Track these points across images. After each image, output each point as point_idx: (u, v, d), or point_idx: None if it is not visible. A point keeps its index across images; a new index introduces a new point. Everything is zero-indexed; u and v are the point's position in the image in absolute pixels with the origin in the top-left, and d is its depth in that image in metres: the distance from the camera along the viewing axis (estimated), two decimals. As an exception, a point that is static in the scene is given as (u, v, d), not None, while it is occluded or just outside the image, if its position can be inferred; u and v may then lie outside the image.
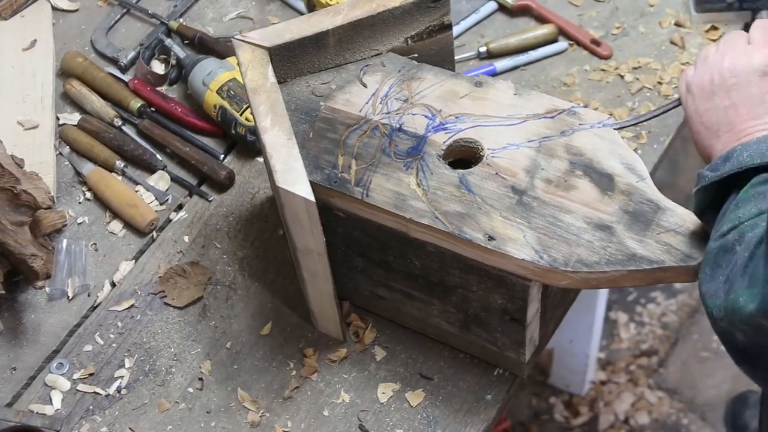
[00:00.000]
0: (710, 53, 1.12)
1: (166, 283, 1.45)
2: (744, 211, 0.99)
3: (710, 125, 1.09)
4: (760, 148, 1.02)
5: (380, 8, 1.27)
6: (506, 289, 1.19)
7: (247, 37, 1.27)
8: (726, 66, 1.09)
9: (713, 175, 1.04)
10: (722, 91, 1.08)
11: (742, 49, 1.09)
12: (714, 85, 1.09)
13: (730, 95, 1.08)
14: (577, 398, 2.40)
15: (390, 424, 1.32)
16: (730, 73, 1.08)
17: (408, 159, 1.20)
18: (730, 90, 1.08)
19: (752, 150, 1.02)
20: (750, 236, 0.96)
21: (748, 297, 0.93)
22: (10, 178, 1.35)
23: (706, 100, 1.10)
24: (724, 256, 0.99)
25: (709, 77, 1.10)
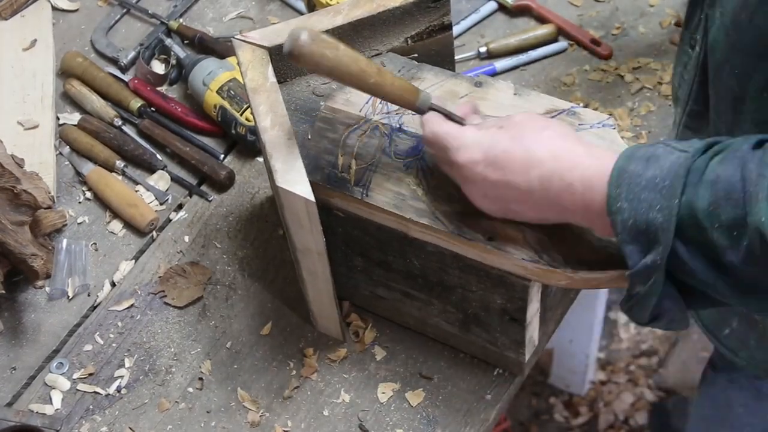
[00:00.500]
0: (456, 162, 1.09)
1: (166, 282, 1.45)
2: (755, 212, 0.92)
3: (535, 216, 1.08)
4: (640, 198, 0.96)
5: (380, 8, 1.27)
6: (506, 289, 1.19)
7: (247, 36, 1.27)
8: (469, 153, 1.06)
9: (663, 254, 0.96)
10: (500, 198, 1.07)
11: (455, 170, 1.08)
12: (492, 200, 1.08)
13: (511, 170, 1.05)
14: (577, 398, 2.40)
15: (390, 424, 1.32)
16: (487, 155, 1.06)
17: (408, 159, 1.20)
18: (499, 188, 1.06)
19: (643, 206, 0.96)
20: None
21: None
22: (10, 177, 1.35)
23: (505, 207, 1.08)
24: None
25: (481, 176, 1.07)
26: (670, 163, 0.96)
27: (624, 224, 0.97)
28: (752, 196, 0.91)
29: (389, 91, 1.11)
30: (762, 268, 0.93)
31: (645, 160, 0.97)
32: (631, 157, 0.99)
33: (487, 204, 1.10)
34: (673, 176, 0.95)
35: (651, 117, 1.54)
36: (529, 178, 1.04)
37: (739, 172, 0.92)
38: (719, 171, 0.93)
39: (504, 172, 1.05)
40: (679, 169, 0.95)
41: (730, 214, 0.92)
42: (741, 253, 0.93)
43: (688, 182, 0.95)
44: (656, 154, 0.97)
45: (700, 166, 0.95)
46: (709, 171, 0.94)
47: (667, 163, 0.96)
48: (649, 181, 0.96)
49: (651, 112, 1.55)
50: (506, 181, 1.05)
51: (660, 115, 1.54)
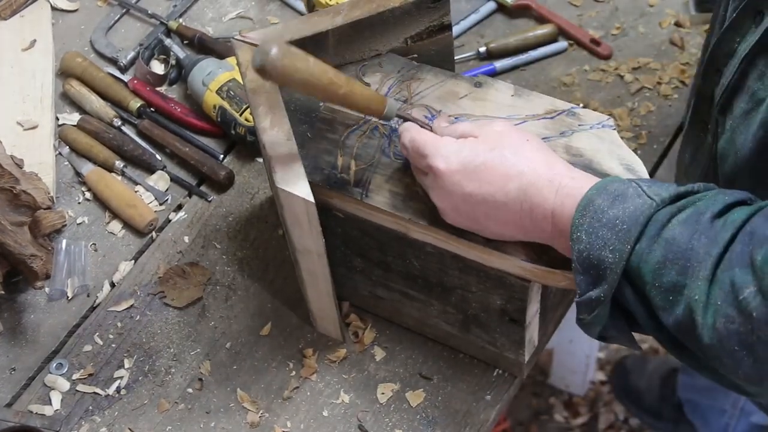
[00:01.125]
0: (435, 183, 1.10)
1: (166, 283, 1.45)
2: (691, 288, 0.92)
3: (506, 233, 1.08)
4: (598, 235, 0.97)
5: (380, 8, 1.27)
6: (505, 290, 1.19)
7: (246, 37, 1.26)
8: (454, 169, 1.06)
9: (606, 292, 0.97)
10: (474, 210, 1.07)
11: (431, 177, 1.09)
12: (464, 213, 1.08)
13: None
14: (577, 398, 2.40)
15: (389, 424, 1.32)
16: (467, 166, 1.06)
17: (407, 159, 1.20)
18: (471, 201, 1.07)
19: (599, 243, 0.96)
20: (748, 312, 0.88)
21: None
22: (10, 178, 1.35)
23: (476, 222, 1.09)
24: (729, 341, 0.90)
25: (460, 196, 1.07)
26: (634, 207, 0.96)
27: (579, 254, 0.98)
28: (694, 271, 0.91)
29: (358, 101, 1.11)
30: (687, 340, 0.94)
31: (613, 197, 0.98)
32: (601, 190, 0.99)
33: (452, 216, 1.11)
34: (632, 222, 0.95)
35: (651, 117, 1.54)
36: (506, 190, 1.05)
37: (691, 242, 0.92)
38: (676, 232, 0.93)
39: (480, 184, 1.06)
40: (640, 217, 0.95)
41: (671, 279, 0.93)
42: (672, 318, 0.94)
43: (645, 232, 0.95)
44: (625, 194, 0.97)
45: (662, 219, 0.95)
46: (669, 228, 0.94)
47: (631, 207, 0.96)
48: (610, 219, 0.96)
49: (651, 112, 1.55)
50: (482, 193, 1.06)
51: (659, 115, 1.54)
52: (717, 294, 0.89)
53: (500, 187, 1.05)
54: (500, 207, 1.06)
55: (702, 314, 0.90)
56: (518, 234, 1.08)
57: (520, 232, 1.08)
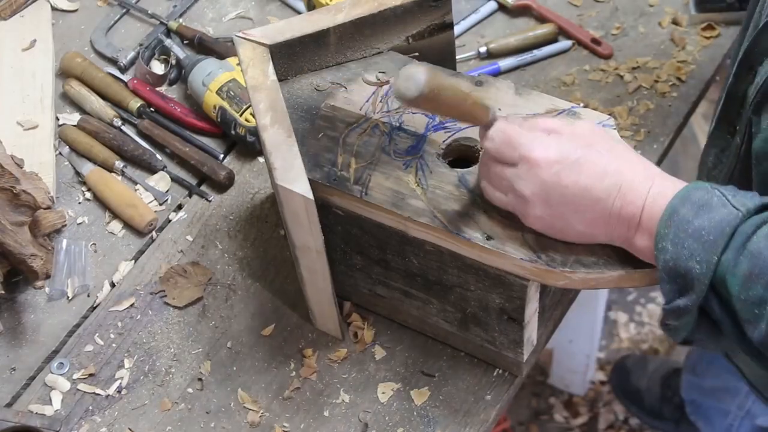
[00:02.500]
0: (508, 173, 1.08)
1: (167, 282, 1.45)
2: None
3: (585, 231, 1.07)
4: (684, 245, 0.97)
5: (382, 7, 1.27)
6: (504, 289, 1.19)
7: (248, 34, 1.27)
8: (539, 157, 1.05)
9: (693, 302, 0.98)
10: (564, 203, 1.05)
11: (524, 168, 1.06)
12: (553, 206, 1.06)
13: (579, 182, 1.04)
14: (577, 398, 2.40)
15: (390, 423, 1.32)
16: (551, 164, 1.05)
17: (407, 158, 1.20)
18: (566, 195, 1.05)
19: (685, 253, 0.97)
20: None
21: None
22: (10, 178, 1.35)
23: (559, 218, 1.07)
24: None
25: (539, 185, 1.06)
26: (720, 218, 0.96)
27: (665, 264, 0.99)
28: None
29: (478, 112, 1.08)
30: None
31: (698, 207, 0.98)
32: (685, 199, 0.99)
33: (540, 209, 1.07)
34: (718, 233, 0.96)
35: (649, 115, 1.54)
36: (603, 186, 1.04)
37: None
38: (762, 246, 0.94)
39: (579, 177, 1.04)
40: (726, 227, 0.95)
41: (757, 293, 0.93)
42: (758, 331, 0.94)
43: (731, 244, 0.95)
44: (710, 203, 0.98)
45: (747, 231, 0.95)
46: (755, 241, 0.94)
47: (717, 217, 0.96)
48: (696, 230, 0.97)
49: (649, 110, 1.55)
50: (579, 187, 1.04)
51: (659, 113, 1.54)
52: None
53: (598, 182, 1.04)
54: (593, 203, 1.04)
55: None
56: (600, 234, 1.07)
57: (603, 232, 1.06)
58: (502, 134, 1.08)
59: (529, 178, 1.06)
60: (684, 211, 0.98)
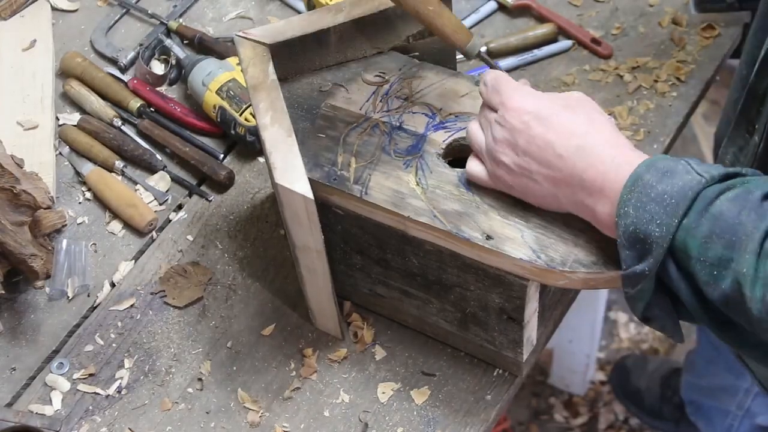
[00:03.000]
0: (490, 136, 1.11)
1: (166, 282, 1.45)
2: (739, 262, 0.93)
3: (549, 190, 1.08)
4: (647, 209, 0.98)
5: (382, 7, 1.27)
6: (504, 289, 1.19)
7: (248, 34, 1.27)
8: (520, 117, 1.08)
9: (651, 266, 0.98)
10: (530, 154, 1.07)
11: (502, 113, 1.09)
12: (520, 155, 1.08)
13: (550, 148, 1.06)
14: (577, 398, 2.40)
15: (390, 423, 1.32)
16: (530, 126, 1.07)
17: (407, 157, 1.20)
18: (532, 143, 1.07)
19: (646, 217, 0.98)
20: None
21: None
22: (10, 178, 1.35)
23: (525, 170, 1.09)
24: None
25: (513, 149, 1.08)
26: (683, 183, 0.97)
27: (626, 228, 0.99)
28: (742, 245, 0.92)
29: (445, 23, 1.16)
30: (735, 314, 0.96)
31: (662, 173, 0.99)
32: (650, 166, 1.00)
33: (507, 158, 1.10)
34: (681, 197, 0.96)
35: (649, 115, 1.54)
36: (568, 144, 1.05)
37: (739, 217, 0.93)
38: (724, 208, 0.94)
39: (546, 130, 1.06)
40: (689, 192, 0.96)
41: (717, 253, 0.94)
42: (718, 292, 0.95)
43: (693, 207, 0.96)
44: (674, 170, 0.98)
45: (710, 196, 0.96)
46: (717, 205, 0.95)
47: (680, 182, 0.97)
48: (659, 194, 0.97)
49: (649, 110, 1.55)
50: (544, 139, 1.06)
51: (659, 113, 1.54)
52: (766, 267, 0.91)
53: (564, 140, 1.05)
54: (556, 158, 1.06)
55: (750, 287, 0.92)
56: (564, 197, 1.08)
57: (566, 195, 1.07)
58: (493, 80, 1.13)
59: (503, 123, 1.10)
60: (648, 177, 0.99)
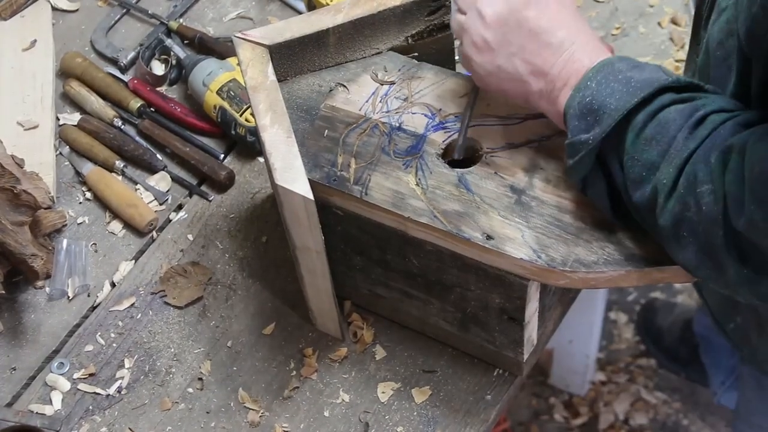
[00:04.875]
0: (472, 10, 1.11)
1: (166, 282, 1.45)
2: (663, 172, 0.98)
3: (522, 74, 1.09)
4: (609, 86, 1.01)
5: (381, 7, 1.27)
6: (504, 289, 1.19)
7: (247, 35, 1.27)
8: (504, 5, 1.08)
9: (596, 136, 1.02)
10: (517, 34, 1.08)
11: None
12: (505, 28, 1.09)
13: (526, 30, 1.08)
14: (577, 398, 2.40)
15: (390, 423, 1.32)
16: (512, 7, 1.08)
17: (407, 158, 1.20)
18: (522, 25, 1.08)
19: (607, 91, 1.01)
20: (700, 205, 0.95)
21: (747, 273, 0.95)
22: (11, 178, 1.35)
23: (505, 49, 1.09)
24: (681, 226, 0.98)
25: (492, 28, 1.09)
26: (651, 76, 1.01)
27: (582, 99, 1.03)
28: (670, 157, 0.97)
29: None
30: (647, 217, 1.02)
31: (633, 65, 1.03)
32: (624, 58, 1.05)
33: (491, 32, 1.10)
34: (645, 84, 1.00)
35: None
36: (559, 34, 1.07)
37: (678, 130, 0.98)
38: (671, 117, 0.99)
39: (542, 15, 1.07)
40: (654, 82, 1.00)
41: (651, 157, 0.99)
42: (639, 193, 1.01)
43: (646, 109, 1.00)
44: (646, 66, 1.03)
45: (665, 101, 1.00)
46: (667, 111, 1.00)
47: (648, 75, 1.01)
48: (626, 77, 1.01)
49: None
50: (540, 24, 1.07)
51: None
52: (682, 183, 0.97)
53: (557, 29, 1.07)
54: (543, 46, 1.07)
55: (665, 197, 0.98)
56: (534, 84, 1.09)
57: (538, 82, 1.09)
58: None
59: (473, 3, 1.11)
60: (619, 64, 1.03)
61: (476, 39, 1.11)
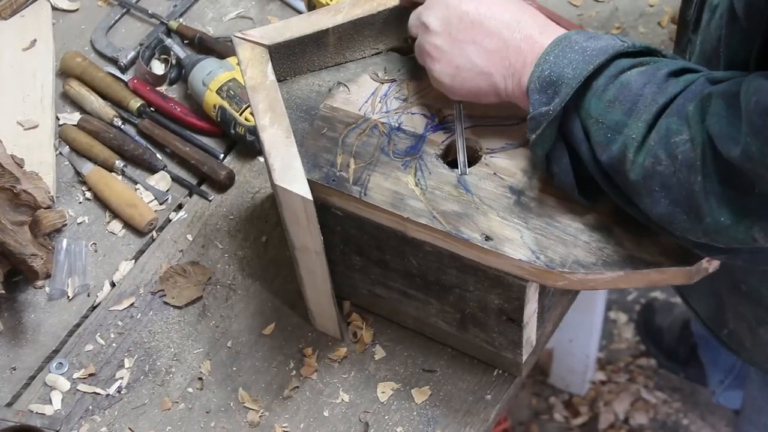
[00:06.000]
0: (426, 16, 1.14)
1: (166, 282, 1.45)
2: (631, 128, 0.99)
3: (482, 66, 1.11)
4: (566, 57, 1.03)
5: (381, 7, 1.27)
6: (503, 289, 1.19)
7: (247, 35, 1.27)
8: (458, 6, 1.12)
9: (555, 106, 1.04)
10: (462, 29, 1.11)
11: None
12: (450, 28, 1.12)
13: (483, 25, 1.10)
14: (577, 398, 2.40)
15: (390, 423, 1.32)
16: None
17: (406, 158, 1.20)
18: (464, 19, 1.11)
19: (564, 62, 1.03)
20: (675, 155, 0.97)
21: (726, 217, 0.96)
22: (10, 177, 1.35)
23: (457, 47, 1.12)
24: (652, 180, 0.99)
25: (447, 26, 1.12)
26: (607, 43, 1.04)
27: (542, 73, 1.05)
28: (638, 114, 0.99)
29: None
30: (616, 175, 1.03)
31: (589, 36, 1.06)
32: (580, 31, 1.07)
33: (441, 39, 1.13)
34: (601, 51, 1.03)
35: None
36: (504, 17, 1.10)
37: (643, 89, 0.99)
38: (632, 78, 1.01)
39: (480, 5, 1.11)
40: (609, 49, 1.03)
41: (615, 117, 1.01)
42: (607, 154, 1.02)
43: (605, 72, 1.03)
44: (601, 36, 1.06)
45: (623, 66, 1.03)
46: (627, 75, 1.02)
47: (604, 43, 1.04)
48: (582, 47, 1.04)
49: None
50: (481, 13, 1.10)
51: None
52: (653, 137, 0.98)
53: (499, 14, 1.10)
54: (492, 33, 1.10)
55: (634, 153, 0.99)
56: (497, 72, 1.11)
57: (499, 68, 1.11)
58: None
59: (434, 5, 1.14)
60: (576, 37, 1.06)
61: (429, 49, 1.14)
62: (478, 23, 1.11)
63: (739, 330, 1.34)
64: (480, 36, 1.11)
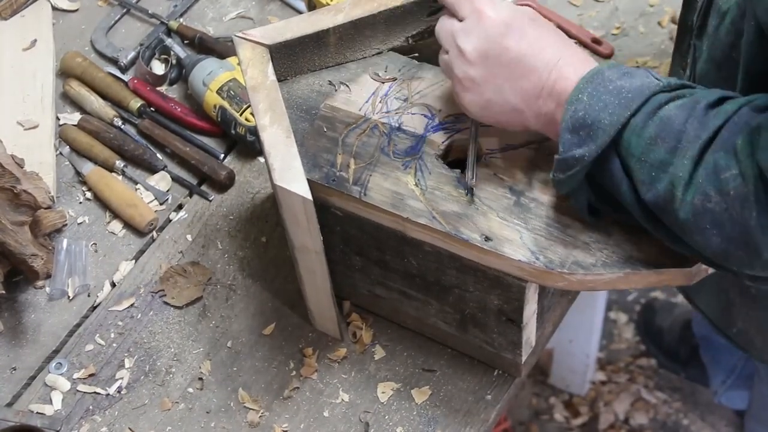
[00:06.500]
0: (454, 52, 1.11)
1: (166, 282, 1.45)
2: (677, 166, 0.97)
3: (514, 103, 1.09)
4: (601, 99, 1.01)
5: (381, 7, 1.27)
6: (503, 290, 1.19)
7: (247, 34, 1.27)
8: (489, 37, 1.07)
9: (591, 152, 1.01)
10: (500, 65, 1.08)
11: (473, 20, 1.09)
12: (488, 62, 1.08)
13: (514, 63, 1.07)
14: (577, 398, 2.40)
15: (390, 423, 1.32)
16: (494, 42, 1.07)
17: (406, 158, 1.20)
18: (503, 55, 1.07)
19: (599, 105, 1.01)
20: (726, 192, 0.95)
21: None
22: (11, 177, 1.35)
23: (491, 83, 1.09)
24: (703, 218, 0.97)
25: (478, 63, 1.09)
26: (642, 83, 1.01)
27: (575, 113, 1.02)
28: (683, 151, 0.96)
29: None
30: (664, 215, 1.01)
31: (622, 72, 1.03)
32: (612, 65, 1.04)
33: (476, 68, 1.09)
34: (637, 93, 1.00)
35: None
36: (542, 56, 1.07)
37: (684, 124, 0.97)
38: (672, 114, 0.98)
39: (521, 42, 1.07)
40: (646, 90, 1.00)
41: (659, 156, 0.98)
42: (652, 193, 0.99)
43: (643, 108, 1.00)
44: (635, 73, 1.03)
45: (662, 100, 1.00)
46: (666, 110, 0.99)
47: (638, 82, 1.01)
48: (617, 87, 1.01)
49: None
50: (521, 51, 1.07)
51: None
52: (700, 173, 0.95)
53: (538, 52, 1.07)
54: (529, 71, 1.07)
55: (683, 191, 0.97)
56: (530, 111, 1.09)
57: (533, 108, 1.08)
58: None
59: (475, 32, 1.09)
60: (609, 73, 1.03)
61: (461, 77, 1.11)
62: (516, 61, 1.07)
63: (750, 329, 1.34)
64: (517, 74, 1.07)
